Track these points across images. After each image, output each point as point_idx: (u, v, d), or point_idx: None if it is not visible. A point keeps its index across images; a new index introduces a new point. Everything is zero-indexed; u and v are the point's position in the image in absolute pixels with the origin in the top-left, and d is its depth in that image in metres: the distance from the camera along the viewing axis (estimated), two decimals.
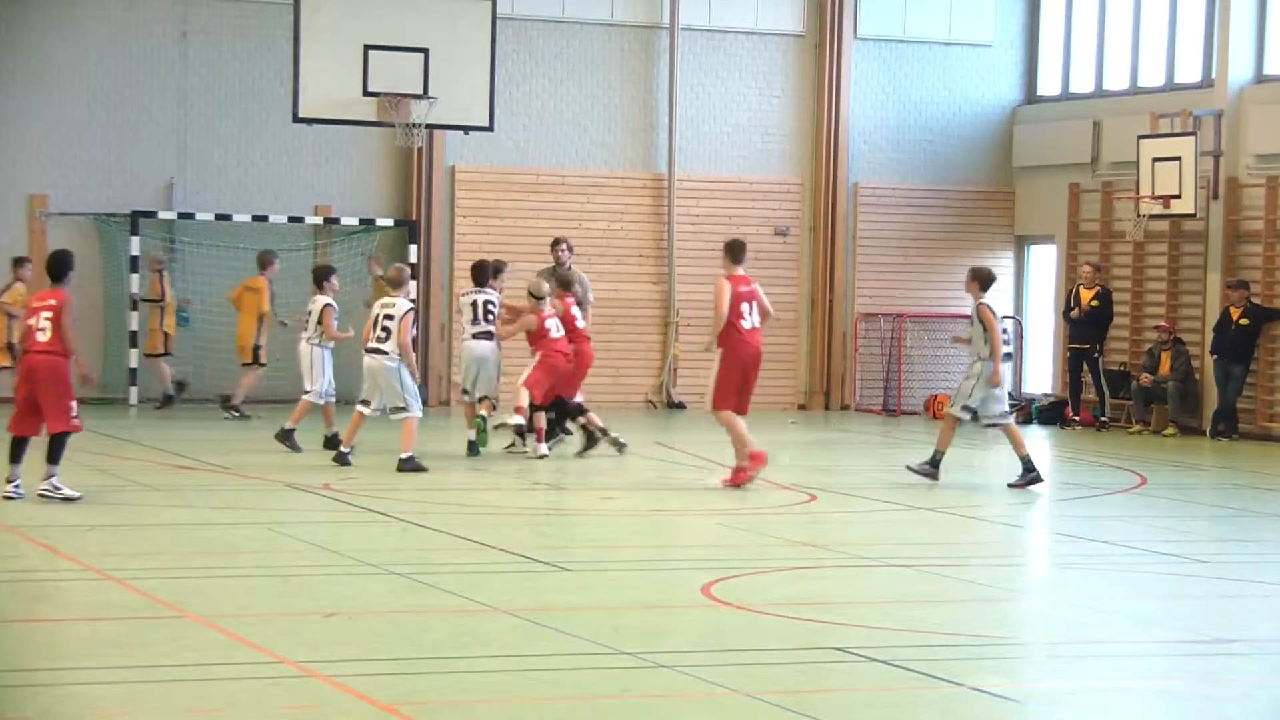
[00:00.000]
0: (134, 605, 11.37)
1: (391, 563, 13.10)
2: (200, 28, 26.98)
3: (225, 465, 18.99)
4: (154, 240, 26.60)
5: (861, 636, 10.86)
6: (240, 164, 27.23)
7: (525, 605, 11.55)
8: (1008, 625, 11.85)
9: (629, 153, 28.87)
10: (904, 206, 29.95)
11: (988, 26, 30.12)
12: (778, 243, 29.25)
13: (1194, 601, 12.73)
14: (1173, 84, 27.56)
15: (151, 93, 26.85)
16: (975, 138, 30.21)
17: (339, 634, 10.65)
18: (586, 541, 15.03)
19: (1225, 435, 25.36)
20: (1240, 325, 25.30)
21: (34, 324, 15.72)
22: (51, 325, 15.60)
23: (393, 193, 27.91)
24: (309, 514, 15.86)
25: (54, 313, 15.63)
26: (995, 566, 14.21)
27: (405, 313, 18.60)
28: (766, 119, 29.42)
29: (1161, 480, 20.29)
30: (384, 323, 18.60)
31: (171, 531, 14.70)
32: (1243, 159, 26.04)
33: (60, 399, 15.64)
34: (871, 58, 29.75)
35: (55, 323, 15.60)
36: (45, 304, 15.77)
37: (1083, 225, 28.76)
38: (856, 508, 17.27)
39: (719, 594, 12.10)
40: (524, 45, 28.14)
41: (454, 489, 17.94)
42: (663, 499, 17.53)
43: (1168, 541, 15.44)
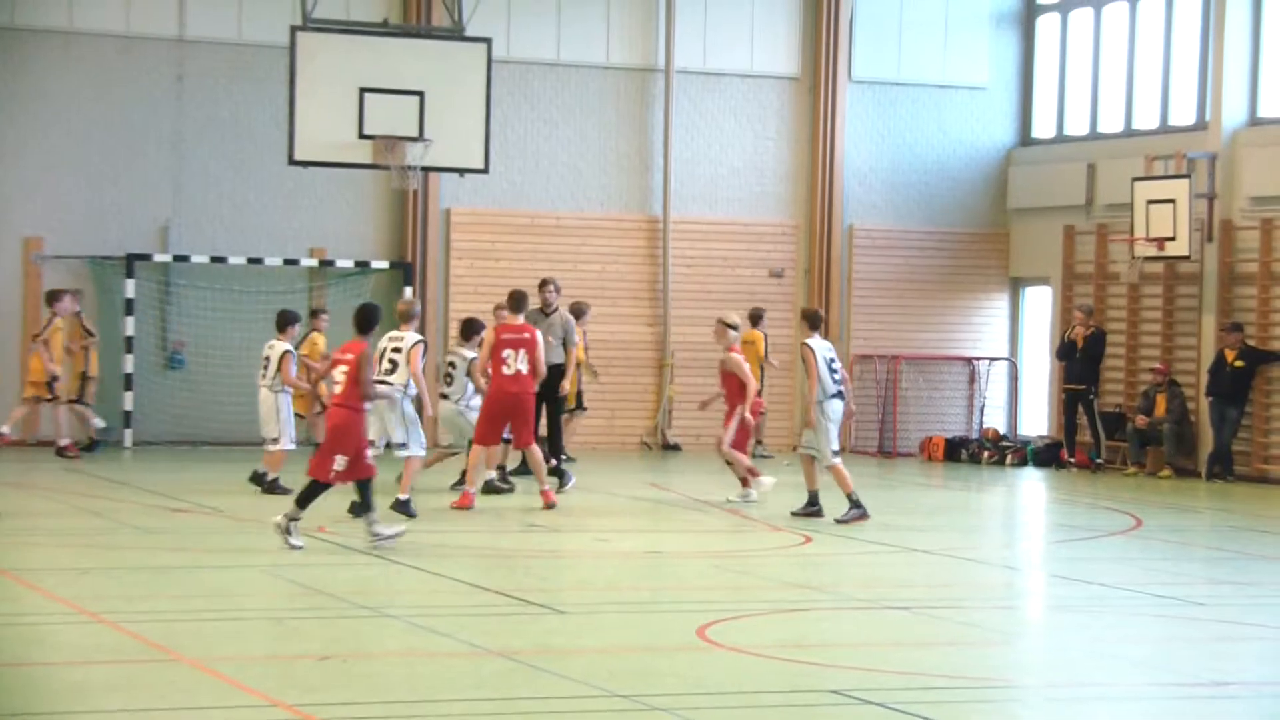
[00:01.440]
0: (127, 648, 11.32)
1: (386, 605, 13.06)
2: (196, 70, 27.02)
3: (219, 508, 18.94)
4: (149, 283, 26.59)
5: (857, 679, 10.83)
6: (236, 206, 27.24)
7: (520, 648, 11.51)
8: (1004, 668, 11.81)
9: (624, 195, 28.91)
10: (899, 248, 29.98)
11: (982, 69, 30.21)
12: (773, 284, 29.27)
13: (1190, 644, 12.69)
14: (1167, 126, 27.62)
15: (147, 135, 26.87)
16: (970, 180, 30.26)
17: (333, 677, 10.60)
18: (581, 584, 14.99)
19: (1221, 477, 25.34)
20: (1235, 367, 25.32)
21: (335, 375, 15.83)
22: (347, 379, 15.68)
23: (388, 235, 27.93)
24: (303, 556, 15.81)
25: (350, 366, 15.69)
26: (991, 609, 14.18)
27: (414, 345, 18.58)
28: (761, 161, 29.47)
29: (1157, 522, 20.27)
30: (391, 355, 18.57)
31: (165, 574, 14.66)
32: (1237, 201, 26.08)
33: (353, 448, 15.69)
34: (866, 100, 29.82)
35: (350, 377, 15.67)
36: (344, 357, 15.86)
37: (1078, 267, 28.78)
38: (852, 550, 17.23)
39: (714, 636, 12.06)
40: (519, 88, 28.19)
41: (448, 531, 17.89)
42: (658, 541, 17.49)
43: (1164, 584, 15.41)
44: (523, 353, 19.04)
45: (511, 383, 18.94)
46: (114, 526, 17.53)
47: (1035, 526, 21.44)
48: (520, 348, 19.06)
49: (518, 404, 19.04)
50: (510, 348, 19.01)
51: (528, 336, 19.18)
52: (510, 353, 18.99)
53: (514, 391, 18.97)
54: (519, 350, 19.04)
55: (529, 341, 19.14)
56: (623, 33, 28.77)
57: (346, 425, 15.74)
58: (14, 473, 22.56)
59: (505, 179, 27.97)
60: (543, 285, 22.55)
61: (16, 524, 17.82)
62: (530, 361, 19.08)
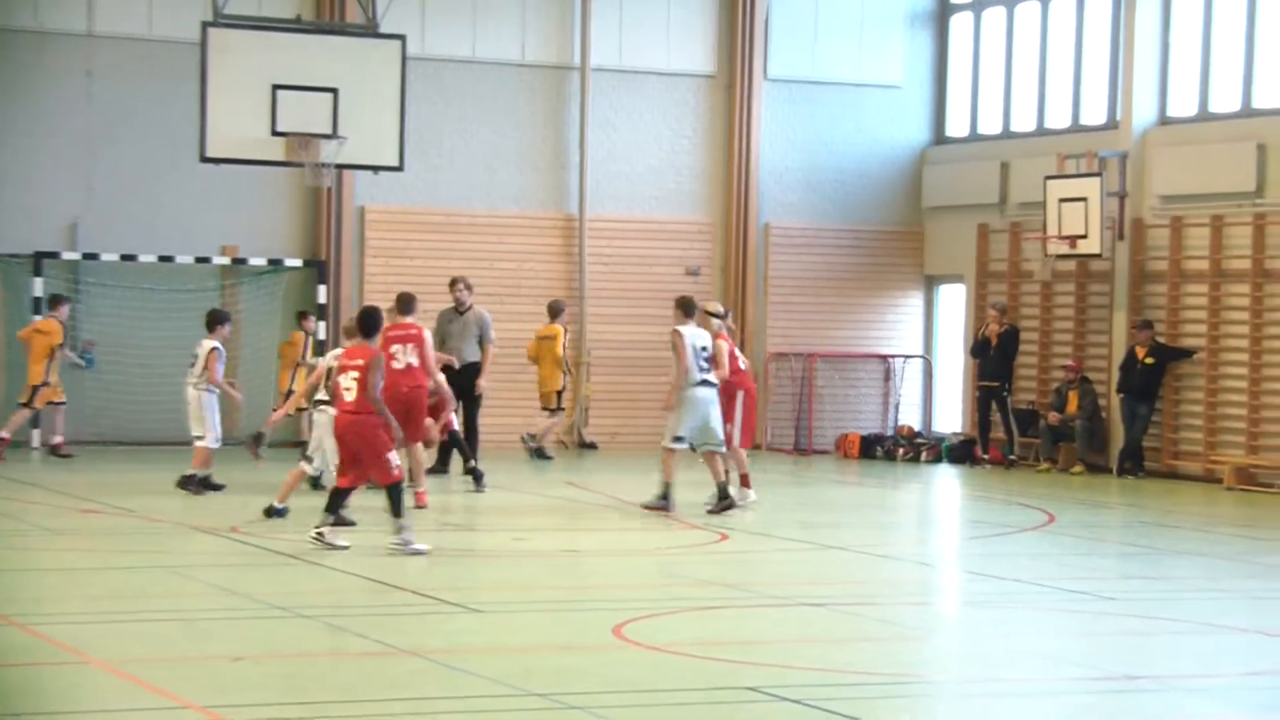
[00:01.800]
0: (36, 650, 11.20)
1: (300, 606, 12.98)
2: (106, 67, 26.75)
3: (130, 509, 18.77)
4: (58, 281, 26.33)
5: (773, 676, 10.84)
6: (147, 204, 26.98)
7: (436, 647, 11.46)
8: (918, 664, 11.85)
9: (540, 193, 28.85)
10: (815, 246, 30.06)
11: (897, 68, 30.33)
12: (689, 282, 29.24)
13: (1103, 639, 12.78)
14: (1079, 125, 27.82)
15: (56, 132, 26.58)
16: (885, 178, 30.38)
17: (246, 678, 10.52)
18: (497, 583, 14.95)
19: (1132, 473, 25.54)
20: (1146, 364, 25.52)
21: (342, 382, 15.54)
22: (358, 386, 15.43)
23: (301, 233, 27.76)
24: (216, 557, 15.70)
25: (360, 372, 15.44)
26: (906, 605, 14.23)
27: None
28: (677, 159, 29.48)
29: (1070, 518, 20.40)
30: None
31: (75, 576, 14.51)
32: (1147, 200, 26.30)
33: (379, 453, 15.49)
34: (782, 98, 29.88)
35: (361, 383, 15.42)
36: (353, 363, 15.57)
37: (991, 265, 28.95)
38: (768, 547, 17.25)
39: (630, 634, 12.04)
40: (434, 85, 28.08)
41: (362, 530, 17.79)
42: (575, 539, 17.47)
43: (1076, 579, 15.50)
44: (410, 347, 18.90)
45: (403, 377, 18.70)
46: (23, 528, 17.35)
47: (949, 523, 21.55)
48: (408, 342, 18.92)
49: (410, 399, 18.74)
50: (398, 343, 18.87)
51: (414, 332, 19.09)
52: (398, 348, 18.82)
53: (405, 386, 18.67)
54: (406, 344, 18.90)
55: (416, 336, 19.04)
56: (538, 30, 28.71)
57: (372, 428, 15.49)
58: None
59: (420, 177, 27.85)
60: (453, 284, 22.51)
61: None
62: (419, 356, 18.92)
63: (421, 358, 18.97)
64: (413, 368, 18.87)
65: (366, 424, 15.50)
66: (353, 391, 15.50)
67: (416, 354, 18.94)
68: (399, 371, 18.69)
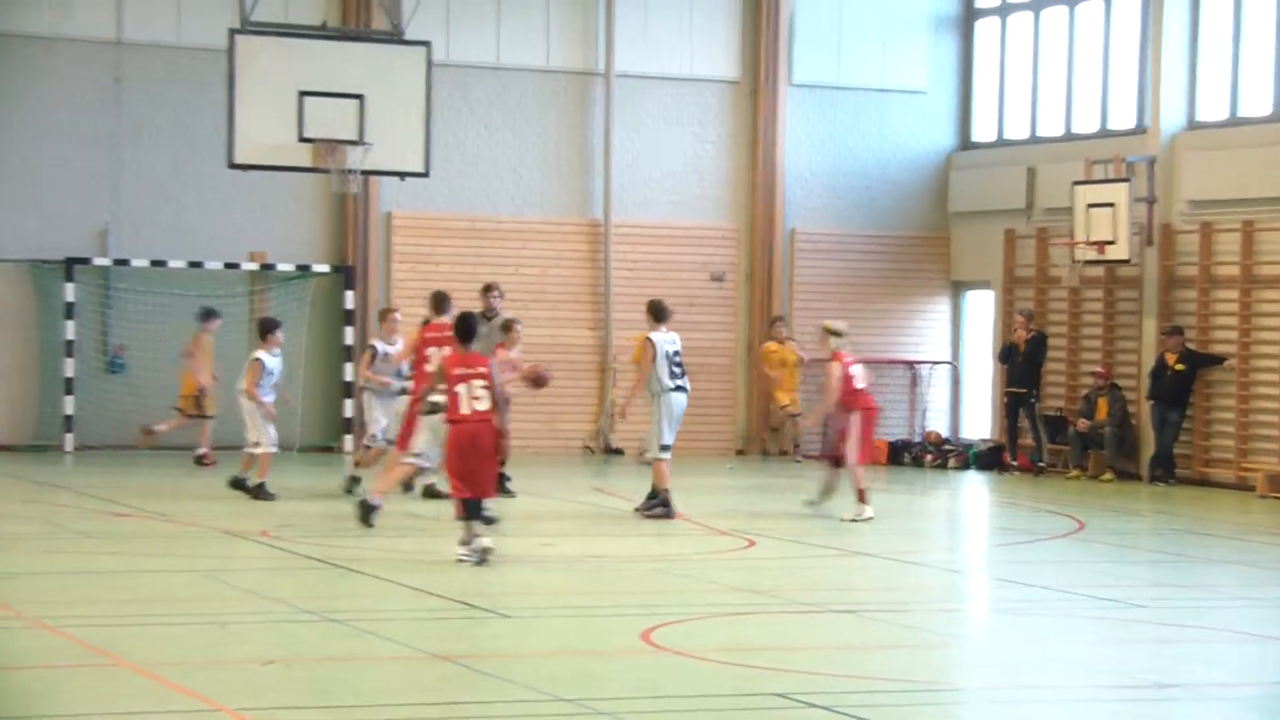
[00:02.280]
0: (68, 653, 11.23)
1: (330, 610, 13.00)
2: (134, 74, 26.83)
3: (162, 512, 18.82)
4: (89, 287, 26.41)
5: (801, 682, 10.82)
6: (175, 210, 27.07)
7: (464, 652, 11.47)
8: (947, 670, 11.83)
9: (564, 198, 28.87)
10: (840, 252, 30.03)
11: (921, 73, 30.30)
12: (714, 288, 29.28)
13: (1133, 646, 12.74)
14: (1106, 130, 27.75)
15: (86, 139, 26.67)
16: (911, 184, 30.34)
17: (276, 682, 10.54)
18: (525, 588, 14.95)
19: (1162, 480, 25.46)
20: (1176, 370, 25.44)
21: (464, 391, 15.34)
22: (488, 393, 15.34)
23: (329, 238, 27.81)
24: (247, 561, 15.73)
25: (489, 380, 15.37)
26: (935, 612, 14.20)
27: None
28: (702, 165, 29.48)
29: (1099, 525, 20.35)
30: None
31: (107, 579, 14.55)
32: (1176, 205, 26.23)
33: (492, 465, 15.49)
34: (806, 104, 29.86)
35: (493, 390, 15.36)
36: (476, 371, 15.43)
37: (1018, 271, 28.89)
38: (795, 553, 17.24)
39: (658, 640, 12.04)
40: (460, 91, 28.11)
41: (392, 535, 17.82)
42: (601, 545, 17.46)
43: (1106, 587, 15.46)
44: (447, 349, 18.32)
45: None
46: (54, 530, 17.40)
47: (978, 530, 21.50)
48: (444, 344, 18.47)
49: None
50: (434, 345, 18.62)
51: (450, 334, 18.37)
52: (434, 350, 18.58)
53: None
54: (443, 346, 18.53)
55: (451, 340, 18.33)
56: (562, 36, 28.74)
57: (496, 436, 15.47)
58: None
59: (445, 183, 27.89)
60: (487, 290, 22.38)
61: None
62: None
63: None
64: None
65: (493, 433, 15.45)
66: (483, 400, 15.36)
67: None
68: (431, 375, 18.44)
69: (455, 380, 15.44)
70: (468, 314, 16.01)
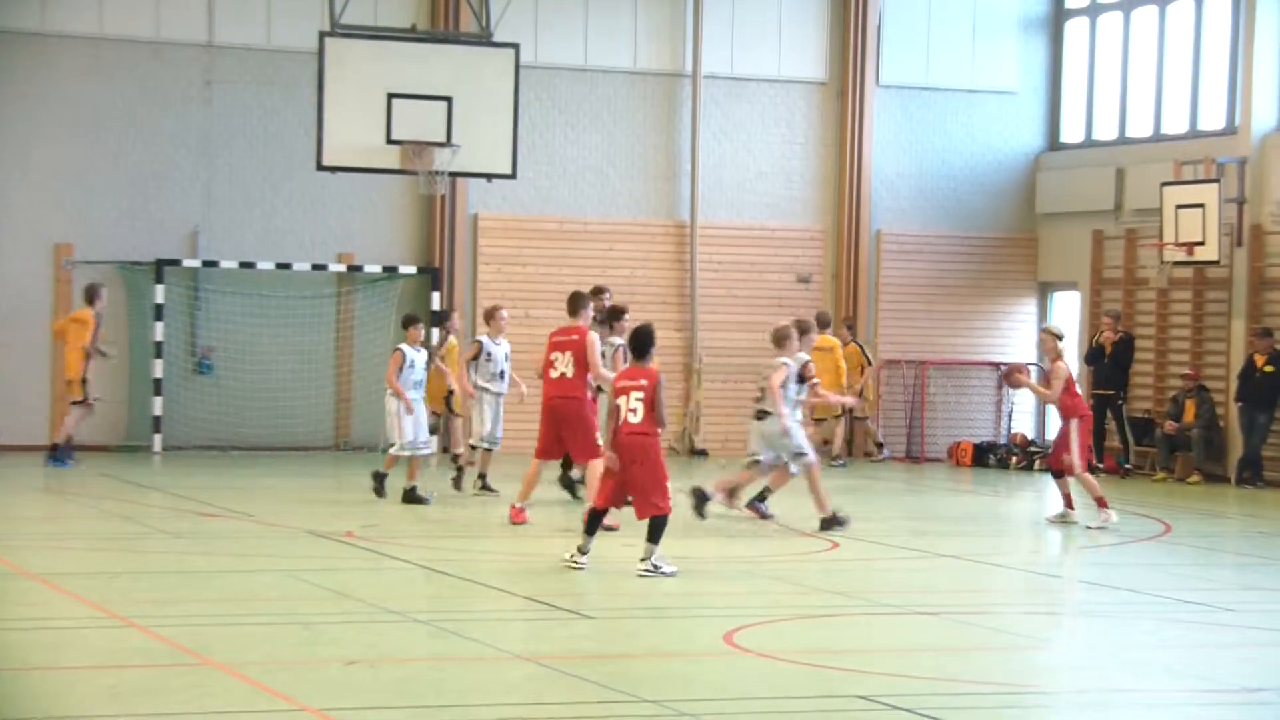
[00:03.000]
0: (156, 653, 11.35)
1: (414, 610, 13.08)
2: (225, 76, 27.08)
3: (249, 512, 18.98)
4: (178, 288, 26.66)
5: (885, 685, 10.81)
6: (264, 212, 27.30)
7: (547, 653, 11.52)
8: (1033, 674, 11.78)
9: (651, 200, 28.91)
10: (927, 253, 29.95)
11: (1010, 73, 30.16)
12: (800, 290, 29.25)
13: (1220, 650, 12.65)
14: (1196, 131, 27.55)
15: (176, 141, 26.95)
16: (998, 184, 30.21)
17: (361, 682, 10.62)
18: (609, 589, 14.97)
19: (1250, 483, 25.25)
20: (1265, 373, 25.23)
21: (623, 404, 15.26)
22: (644, 406, 15.23)
23: (416, 240, 27.96)
24: (332, 561, 15.84)
25: (646, 393, 15.24)
26: (1020, 614, 14.14)
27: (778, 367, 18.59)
28: (789, 166, 29.45)
29: (1187, 528, 20.20)
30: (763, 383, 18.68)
31: (194, 579, 14.69)
32: (1266, 206, 26.00)
33: (654, 478, 15.26)
34: (894, 105, 29.79)
35: (648, 403, 15.24)
36: (636, 383, 15.33)
37: (1106, 272, 28.72)
38: (879, 555, 17.20)
39: (741, 641, 12.05)
40: (547, 93, 28.21)
41: (475, 536, 17.91)
42: (685, 546, 17.45)
43: (1193, 590, 15.35)
44: (569, 354, 18.04)
45: (555, 387, 18.02)
46: (144, 531, 17.57)
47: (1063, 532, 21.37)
48: (567, 349, 18.06)
49: (559, 411, 17.98)
50: (558, 350, 18.11)
51: (575, 338, 18.19)
52: (558, 355, 18.07)
53: (556, 396, 18.04)
54: (565, 352, 18.09)
55: (576, 343, 18.13)
56: (650, 37, 28.79)
57: (655, 450, 15.35)
58: (45, 476, 22.65)
59: (533, 184, 28.00)
60: (597, 292, 21.82)
61: (47, 528, 17.91)
62: (576, 364, 17.99)
63: (578, 365, 17.97)
64: (566, 378, 18.01)
65: (651, 445, 15.32)
66: (638, 413, 15.24)
67: (573, 361, 18.01)
68: (552, 381, 18.04)
69: (617, 393, 15.37)
70: (644, 328, 15.71)
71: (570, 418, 17.99)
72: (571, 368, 17.98)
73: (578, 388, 18.03)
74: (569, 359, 17.99)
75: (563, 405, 17.99)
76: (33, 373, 26.21)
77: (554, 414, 18.03)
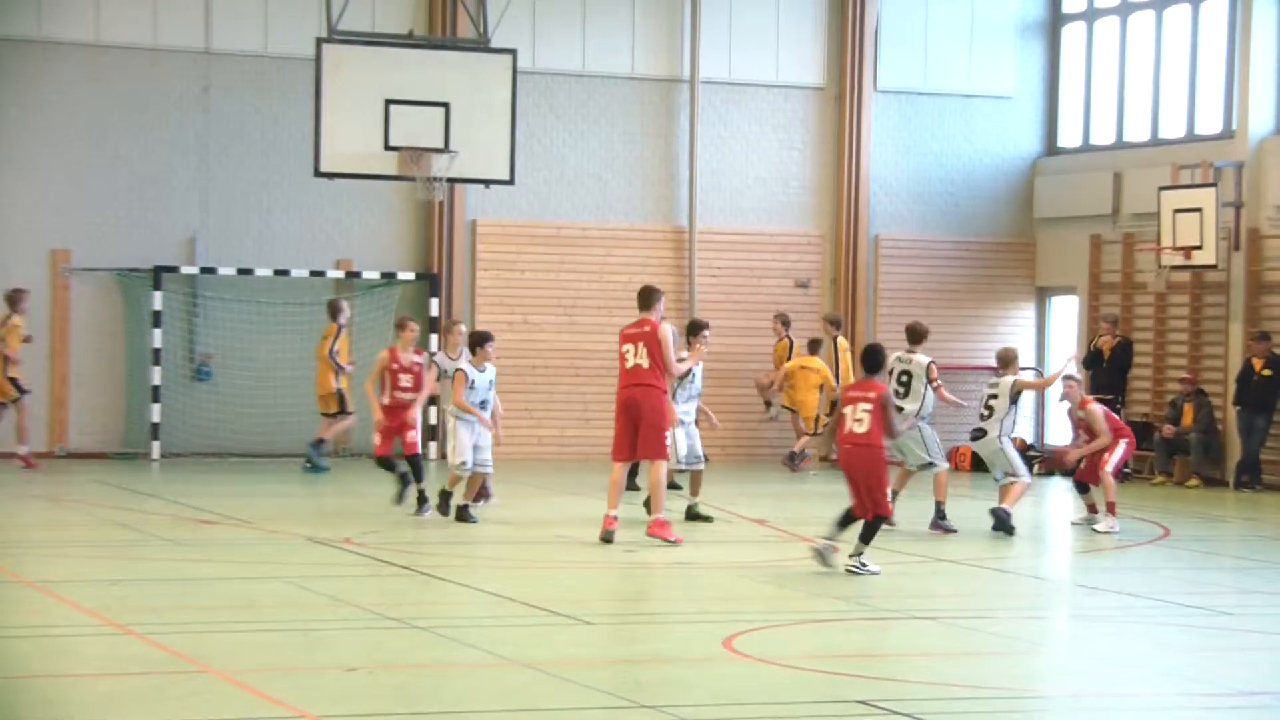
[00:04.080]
0: (155, 660, 11.35)
1: (413, 617, 13.07)
2: (222, 83, 27.08)
3: (247, 519, 18.97)
4: (176, 295, 26.66)
5: (885, 690, 10.81)
6: (262, 218, 27.30)
7: (546, 658, 11.52)
8: (1032, 678, 11.78)
9: (650, 205, 28.91)
10: (925, 258, 29.95)
11: (1007, 79, 30.18)
12: (799, 294, 29.25)
13: (1219, 654, 12.65)
14: (1193, 135, 27.56)
15: (173, 148, 26.95)
16: (996, 189, 30.22)
17: (359, 689, 10.61)
18: (608, 594, 14.99)
19: (1249, 487, 25.26)
20: (1263, 376, 25.24)
21: (849, 414, 15.69)
22: (870, 417, 15.62)
23: (414, 246, 27.96)
24: (331, 568, 15.84)
25: (875, 405, 15.64)
26: (1019, 619, 14.14)
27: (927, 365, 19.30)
28: (787, 171, 29.46)
29: (1185, 532, 20.20)
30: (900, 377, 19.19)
31: (193, 586, 14.69)
32: (1264, 210, 26.01)
33: (879, 484, 15.72)
34: (892, 110, 29.80)
35: (875, 415, 15.62)
36: (866, 395, 15.72)
37: (1104, 277, 28.73)
38: (879, 560, 17.16)
39: (741, 647, 12.05)
40: (545, 99, 28.22)
41: (475, 542, 17.90)
42: (684, 551, 17.46)
43: (1191, 594, 15.36)
44: (640, 345, 17.44)
45: (629, 377, 17.45)
46: (142, 538, 17.57)
47: (1062, 536, 21.37)
48: (639, 340, 17.48)
49: (630, 402, 17.47)
50: (629, 341, 17.61)
51: (647, 330, 17.50)
52: (629, 346, 17.58)
53: (629, 388, 17.46)
54: (637, 343, 17.47)
55: (648, 335, 17.48)
56: (647, 43, 28.80)
57: (880, 462, 15.74)
58: (43, 485, 22.65)
59: (531, 190, 28.00)
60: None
61: (45, 536, 17.90)
62: (649, 355, 17.42)
63: (651, 357, 17.41)
64: (641, 368, 17.46)
65: (875, 457, 15.69)
66: (864, 423, 15.60)
67: (646, 353, 17.46)
68: (627, 372, 17.56)
69: (845, 402, 15.89)
70: (876, 346, 16.33)
71: (645, 408, 17.45)
72: (646, 358, 17.47)
73: (654, 376, 17.51)
74: (641, 350, 17.49)
75: (640, 394, 17.44)
76: (32, 378, 26.18)
77: (629, 406, 17.50)
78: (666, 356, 17.54)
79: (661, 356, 17.47)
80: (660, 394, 17.56)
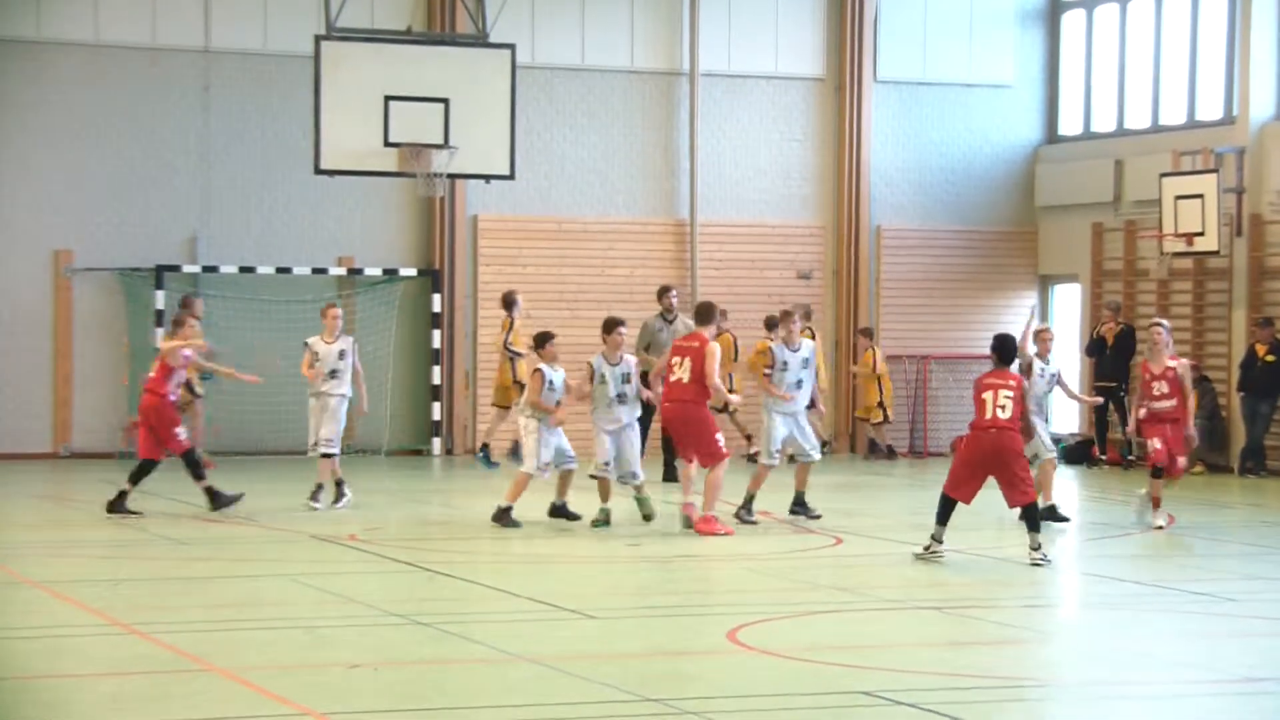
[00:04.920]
0: (159, 659, 11.35)
1: (417, 613, 13.07)
2: (222, 81, 27.08)
3: (250, 517, 18.97)
4: (179, 294, 26.62)
5: (889, 680, 10.80)
6: (263, 216, 27.31)
7: (551, 653, 11.51)
8: (1037, 667, 11.77)
9: (651, 199, 28.90)
10: (927, 248, 29.93)
11: (1007, 67, 30.15)
12: (801, 286, 29.23)
13: (1224, 640, 12.64)
14: (1194, 121, 27.54)
15: (174, 146, 26.95)
16: (997, 178, 30.20)
17: (363, 685, 10.62)
18: (612, 589, 14.99)
19: (1253, 473, 25.24)
20: (1266, 362, 25.21)
21: (989, 400, 15.99)
22: (1013, 404, 15.92)
23: (415, 242, 27.96)
24: (334, 565, 15.84)
25: (1015, 392, 15.95)
26: (1023, 608, 14.13)
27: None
28: (787, 163, 29.44)
29: (1190, 519, 20.17)
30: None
31: (196, 584, 14.69)
32: (1265, 195, 25.99)
33: (1021, 471, 16.03)
34: (892, 100, 29.78)
35: (1017, 401, 15.94)
36: (1005, 382, 16.04)
37: (1106, 264, 28.71)
38: (883, 550, 17.18)
39: (745, 639, 12.04)
40: (544, 93, 28.20)
41: (479, 538, 17.90)
42: (688, 545, 17.46)
43: (1197, 580, 15.35)
44: (686, 360, 18.03)
45: (670, 391, 18.20)
46: (145, 537, 17.57)
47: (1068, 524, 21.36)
48: (687, 355, 18.10)
49: (675, 415, 18.25)
50: (678, 354, 18.23)
51: (695, 345, 18.13)
52: (678, 360, 18.17)
53: (670, 401, 18.21)
54: (685, 358, 18.09)
55: (695, 350, 18.11)
56: (646, 36, 28.77)
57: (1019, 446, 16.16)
58: (47, 484, 22.66)
59: (531, 185, 27.99)
60: (663, 293, 22.77)
61: (49, 536, 17.91)
62: (694, 371, 17.96)
63: (694, 373, 17.97)
64: (682, 383, 18.05)
65: (1016, 441, 16.04)
66: (1006, 409, 15.91)
67: (690, 368, 18.01)
68: (669, 385, 18.25)
69: (983, 388, 16.12)
70: (1008, 337, 16.65)
71: (683, 422, 18.25)
72: (689, 374, 18.07)
73: (690, 392, 18.08)
74: (686, 364, 18.10)
75: (675, 409, 18.27)
76: (33, 380, 26.22)
77: (668, 421, 18.65)
78: (709, 370, 18.04)
79: (704, 371, 18.00)
80: (697, 406, 18.18)
